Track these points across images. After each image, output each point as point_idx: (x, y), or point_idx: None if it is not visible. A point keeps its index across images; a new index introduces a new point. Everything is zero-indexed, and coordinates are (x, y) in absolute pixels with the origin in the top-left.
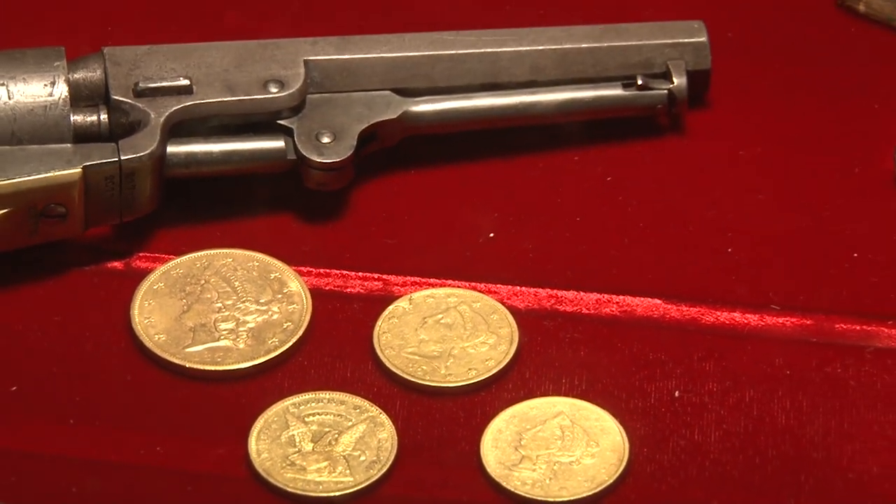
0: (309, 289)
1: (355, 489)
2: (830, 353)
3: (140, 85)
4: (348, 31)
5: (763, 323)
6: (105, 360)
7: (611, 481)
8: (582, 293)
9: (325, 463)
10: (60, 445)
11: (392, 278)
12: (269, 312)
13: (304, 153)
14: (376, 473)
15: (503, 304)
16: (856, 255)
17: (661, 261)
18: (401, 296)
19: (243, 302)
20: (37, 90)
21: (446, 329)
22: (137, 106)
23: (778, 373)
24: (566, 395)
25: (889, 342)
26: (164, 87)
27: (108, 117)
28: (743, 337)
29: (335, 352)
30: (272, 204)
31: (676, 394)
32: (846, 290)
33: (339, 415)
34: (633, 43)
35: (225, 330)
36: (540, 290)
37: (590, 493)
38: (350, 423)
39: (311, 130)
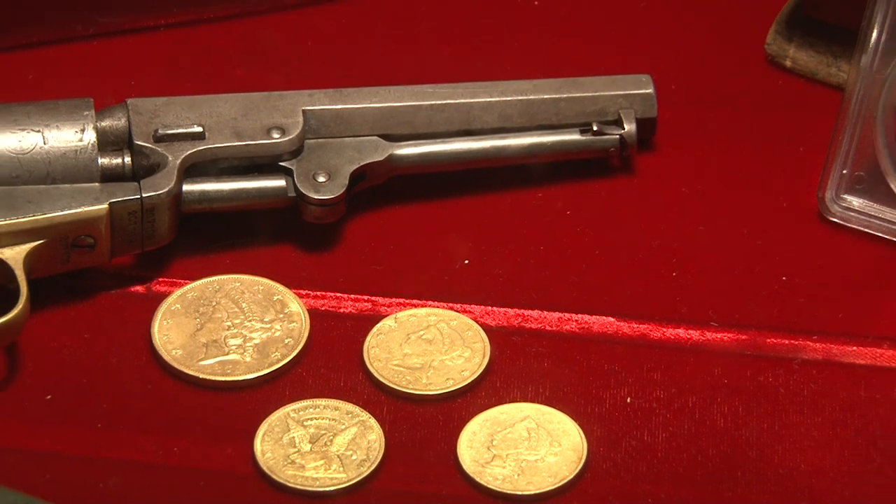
0: (307, 309)
1: (348, 484)
2: (763, 365)
3: (159, 132)
4: (341, 85)
5: (704, 338)
6: (128, 372)
7: (571, 477)
8: (545, 312)
9: (322, 461)
10: (89, 447)
11: (380, 300)
12: (273, 330)
13: (303, 191)
14: (366, 470)
15: (477, 322)
16: (784, 278)
17: (614, 284)
18: (387, 315)
19: (250, 321)
20: (69, 136)
21: (427, 344)
22: (157, 150)
23: (717, 381)
24: (532, 401)
25: (814, 354)
26: (180, 133)
27: (132, 160)
28: (686, 350)
29: (330, 364)
30: (275, 235)
31: (628, 400)
32: (776, 309)
33: (333, 419)
34: (589, 94)
35: (233, 345)
36: (508, 309)
37: (553, 488)
38: (343, 427)
39: (308, 171)
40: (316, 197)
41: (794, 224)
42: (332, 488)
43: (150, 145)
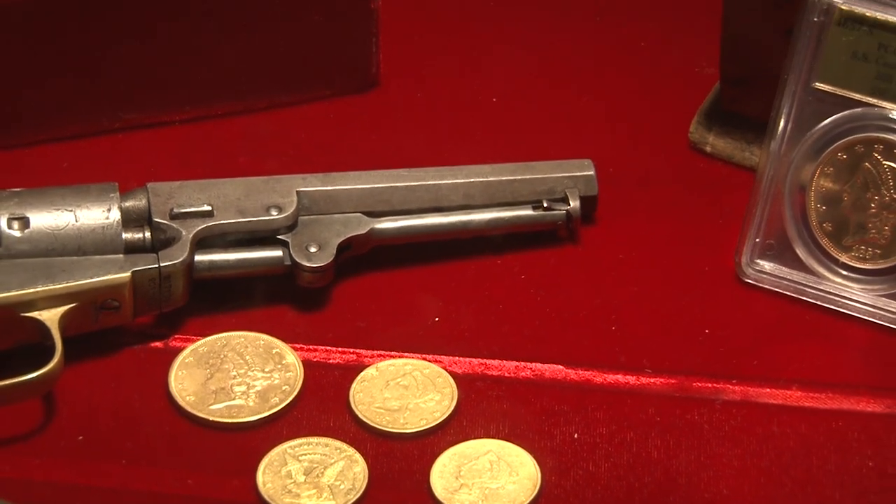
0: (301, 360)
1: None
2: (690, 405)
3: (174, 210)
4: (328, 169)
5: (639, 382)
6: (148, 415)
7: (528, 502)
8: (504, 361)
9: (314, 490)
10: (115, 480)
11: (363, 352)
12: (272, 378)
13: (297, 260)
14: (352, 498)
15: (446, 370)
16: (707, 331)
17: (562, 337)
18: (370, 365)
19: (252, 371)
20: (97, 215)
21: (404, 389)
22: (172, 226)
23: (651, 419)
24: (494, 437)
25: (733, 396)
26: (192, 212)
27: (151, 234)
28: (624, 393)
29: (321, 407)
30: (273, 298)
31: (575, 436)
32: (700, 357)
33: (324, 454)
34: (540, 176)
35: (239, 392)
36: (473, 359)
37: None
38: (333, 461)
39: (301, 243)
40: (308, 265)
41: (714, 285)
42: None
43: (166, 222)
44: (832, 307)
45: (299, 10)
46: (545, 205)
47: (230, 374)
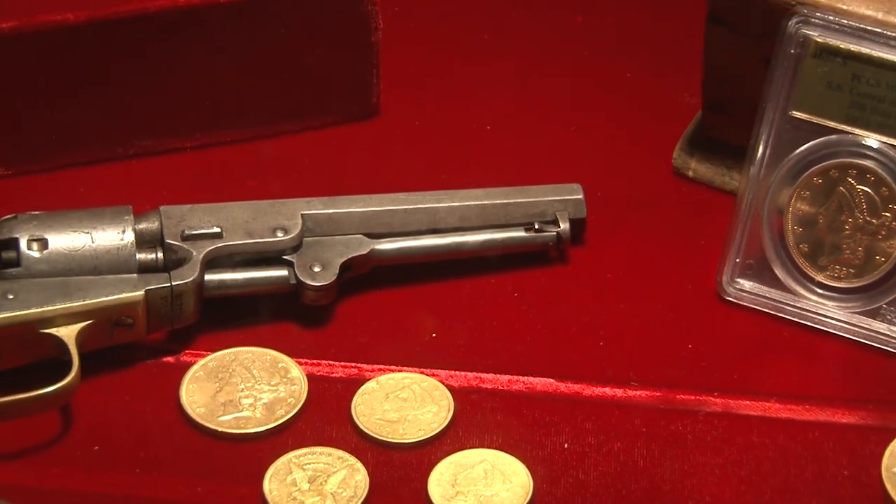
0: (305, 374)
1: None
2: (674, 416)
3: (186, 232)
4: (331, 193)
5: (626, 395)
6: (160, 426)
7: None
8: (498, 375)
9: (318, 498)
10: (129, 488)
11: (364, 366)
12: (278, 391)
13: (302, 279)
14: None
15: (442, 383)
16: (690, 346)
17: (553, 351)
18: (371, 378)
19: (259, 384)
20: (113, 237)
21: (403, 401)
22: (183, 247)
23: (637, 430)
24: (488, 447)
25: (715, 408)
26: (202, 233)
27: (163, 255)
28: (612, 405)
29: (324, 419)
30: (279, 315)
31: (566, 445)
32: (684, 371)
33: (327, 463)
34: (532, 199)
35: (246, 404)
36: (468, 373)
37: None
38: (335, 469)
39: (306, 263)
40: (312, 284)
41: (697, 302)
42: None
43: (178, 243)
44: (809, 324)
45: (304, 44)
46: (536, 227)
47: (238, 387)
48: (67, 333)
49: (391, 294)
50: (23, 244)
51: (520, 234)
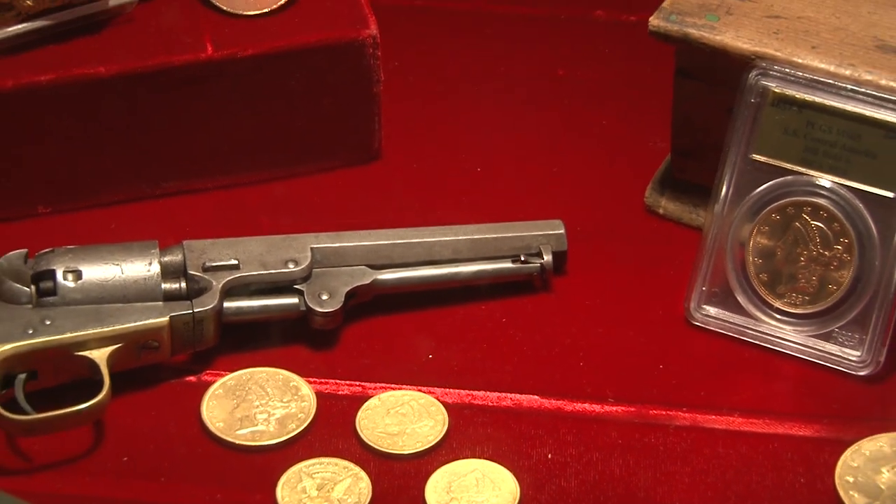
0: (314, 392)
1: None
2: (647, 429)
3: (206, 264)
4: (338, 229)
5: (604, 410)
6: (183, 439)
7: None
8: (488, 392)
9: None
10: (155, 495)
11: (368, 384)
12: (290, 407)
13: (311, 306)
14: None
15: (438, 400)
16: (661, 366)
17: (537, 371)
18: (373, 396)
19: (273, 401)
20: (140, 268)
21: (402, 416)
22: (205, 277)
23: (614, 442)
24: (479, 458)
25: (684, 422)
26: (221, 265)
27: (186, 285)
28: (591, 419)
29: (331, 432)
30: (290, 338)
31: (549, 456)
32: (656, 389)
33: (334, 472)
34: (518, 234)
35: (261, 419)
36: (461, 390)
37: None
38: (341, 478)
39: (314, 291)
40: (320, 310)
41: (667, 327)
42: None
43: (199, 274)
44: (768, 346)
45: (313, 95)
46: (522, 259)
47: (254, 403)
48: (99, 356)
49: (392, 320)
50: (59, 275)
51: (507, 265)
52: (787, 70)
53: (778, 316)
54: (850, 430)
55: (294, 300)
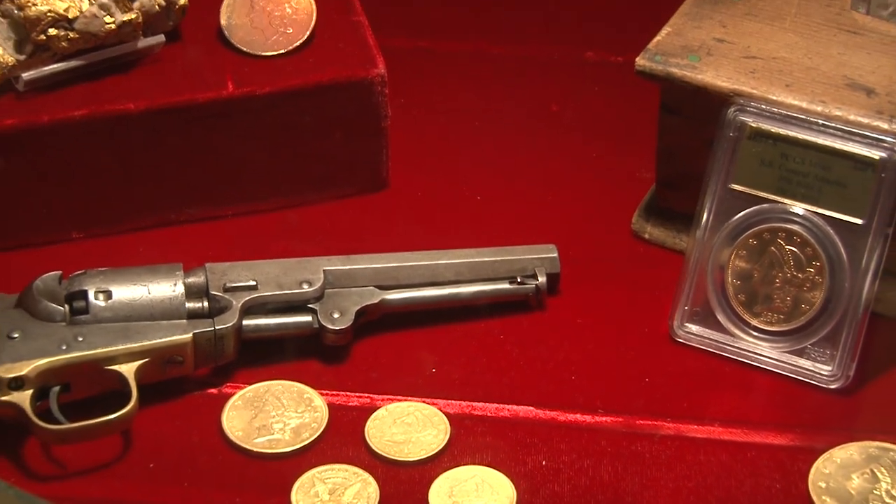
0: (326, 403)
1: None
2: (634, 438)
3: (227, 285)
4: (348, 253)
5: (594, 420)
6: (205, 447)
7: None
8: (487, 404)
9: None
10: (179, 500)
11: (375, 396)
12: (304, 417)
13: (324, 324)
14: None
15: (441, 410)
16: (647, 379)
17: (533, 384)
18: (381, 406)
19: (288, 411)
20: (166, 289)
21: (407, 426)
22: (225, 297)
23: (603, 450)
24: (479, 464)
25: (668, 431)
26: (240, 286)
27: (208, 304)
28: (583, 429)
29: (342, 441)
30: (304, 354)
31: (544, 463)
32: (642, 400)
33: (344, 478)
34: (515, 257)
35: (277, 428)
36: (462, 402)
37: None
38: (351, 483)
39: (327, 310)
40: (332, 328)
41: (653, 343)
42: None
43: (220, 294)
44: (746, 361)
45: (325, 130)
46: (519, 280)
47: (270, 414)
48: (127, 370)
49: (398, 336)
50: (91, 295)
51: (505, 286)
52: (763, 106)
53: (755, 333)
54: (822, 440)
55: (308, 318)
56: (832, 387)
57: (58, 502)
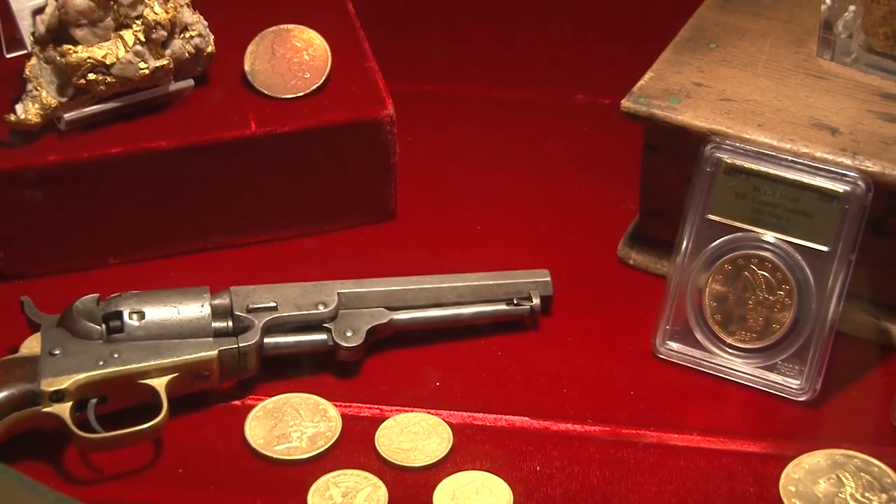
0: (340, 414)
1: None
2: (620, 446)
3: (250, 306)
4: (360, 277)
5: (584, 429)
6: (229, 455)
7: None
8: (486, 415)
9: None
10: (204, 502)
11: (385, 407)
12: (319, 427)
13: (338, 342)
14: None
15: (444, 421)
16: (632, 392)
17: (528, 396)
18: (390, 417)
19: (305, 421)
20: (194, 310)
21: (414, 435)
22: (248, 317)
23: (592, 456)
24: (479, 470)
25: (651, 440)
26: (262, 307)
27: (232, 324)
28: (573, 437)
29: (354, 448)
30: (320, 369)
31: (538, 468)
32: (627, 411)
33: (356, 482)
34: (511, 281)
35: (295, 437)
36: (464, 413)
37: None
38: (362, 487)
39: (341, 329)
40: (345, 345)
41: (637, 359)
42: None
43: (244, 314)
44: (722, 375)
45: (339, 165)
46: (515, 302)
47: (289, 424)
48: (159, 383)
49: (405, 353)
50: (126, 315)
51: (502, 307)
52: (738, 144)
53: (730, 350)
54: (791, 448)
55: (323, 337)
56: (801, 399)
57: None
